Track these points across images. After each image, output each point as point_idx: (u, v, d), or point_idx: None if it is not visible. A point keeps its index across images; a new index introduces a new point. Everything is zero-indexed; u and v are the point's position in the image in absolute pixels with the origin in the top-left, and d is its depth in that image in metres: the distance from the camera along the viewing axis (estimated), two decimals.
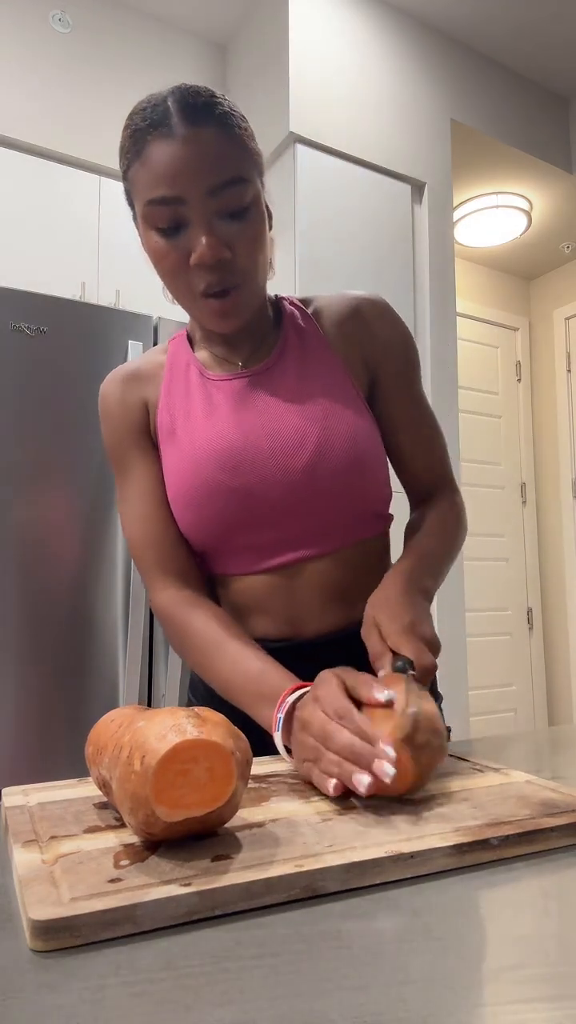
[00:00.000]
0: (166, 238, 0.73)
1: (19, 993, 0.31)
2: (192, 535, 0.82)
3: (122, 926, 0.36)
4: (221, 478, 0.78)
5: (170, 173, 0.70)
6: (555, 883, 0.42)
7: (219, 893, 0.38)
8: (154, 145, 0.70)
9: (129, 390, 0.86)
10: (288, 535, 0.80)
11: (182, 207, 0.71)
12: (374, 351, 0.86)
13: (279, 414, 0.80)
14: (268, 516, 0.79)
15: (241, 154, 0.72)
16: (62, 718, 1.77)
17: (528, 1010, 0.30)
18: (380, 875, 0.42)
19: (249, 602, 0.83)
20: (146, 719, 0.46)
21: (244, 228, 0.73)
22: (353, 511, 0.82)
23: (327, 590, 0.82)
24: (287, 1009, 0.30)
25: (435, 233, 2.75)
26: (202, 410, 0.82)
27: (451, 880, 0.42)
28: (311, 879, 0.40)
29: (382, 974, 0.32)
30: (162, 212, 0.71)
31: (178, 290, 0.76)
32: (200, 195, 0.70)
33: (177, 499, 0.81)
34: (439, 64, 2.87)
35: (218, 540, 0.81)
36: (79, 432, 1.85)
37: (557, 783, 0.58)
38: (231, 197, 0.71)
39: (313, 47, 2.54)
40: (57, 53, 2.58)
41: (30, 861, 0.43)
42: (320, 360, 0.83)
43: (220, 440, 0.79)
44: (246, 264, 0.74)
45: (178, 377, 0.85)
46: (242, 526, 0.79)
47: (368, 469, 0.81)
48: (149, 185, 0.72)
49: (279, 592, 0.82)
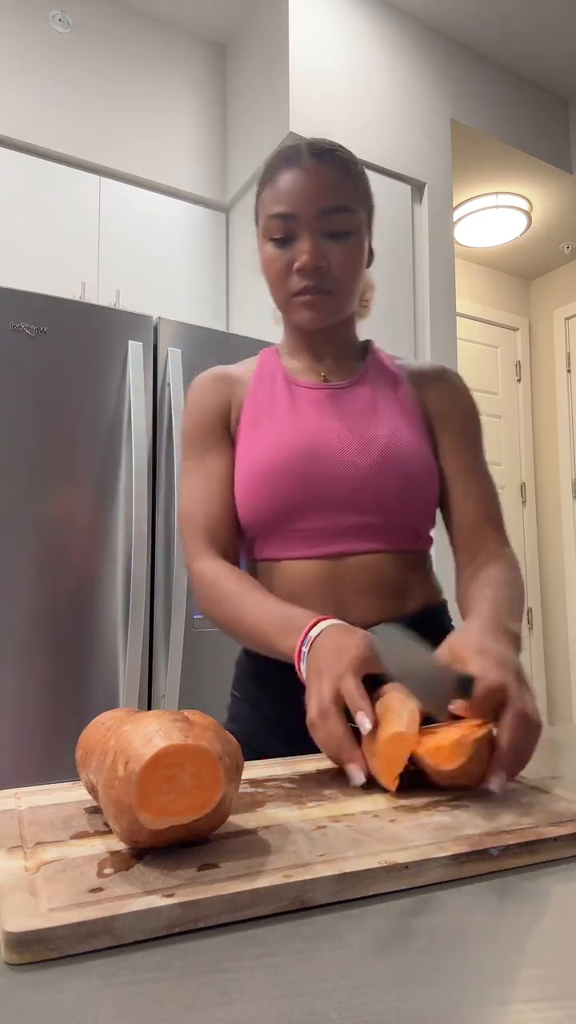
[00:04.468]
0: (278, 248, 0.88)
1: (19, 992, 0.31)
2: (260, 512, 0.89)
3: (100, 939, 0.35)
4: (296, 464, 0.88)
5: (290, 194, 0.86)
6: (557, 891, 0.42)
7: (202, 905, 0.37)
8: (283, 173, 0.87)
9: (219, 386, 0.97)
10: (341, 526, 0.88)
11: (294, 223, 0.86)
12: (440, 408, 0.96)
13: (353, 423, 0.91)
14: (328, 504, 0.88)
15: (352, 191, 0.88)
16: (62, 718, 1.77)
17: (528, 1010, 0.30)
18: (372, 887, 0.40)
19: (295, 588, 0.89)
20: (133, 722, 0.44)
21: (342, 248, 0.87)
22: (402, 518, 0.90)
23: (369, 583, 0.88)
24: (287, 1009, 0.30)
25: (435, 233, 2.74)
26: (286, 407, 0.93)
27: (448, 892, 0.42)
28: (299, 890, 0.39)
29: (382, 974, 0.32)
30: (278, 225, 0.87)
31: (279, 292, 0.91)
32: (311, 215, 0.86)
33: (255, 477, 0.89)
34: (439, 64, 2.87)
35: (279, 520, 0.89)
36: (79, 432, 1.85)
37: (559, 786, 0.57)
38: (336, 221, 0.86)
39: (313, 47, 2.53)
40: (57, 53, 2.58)
41: (12, 868, 0.41)
42: (395, 394, 0.95)
43: (300, 432, 0.90)
44: (339, 276, 0.88)
45: (266, 379, 0.96)
46: (305, 508, 0.88)
47: (422, 486, 0.90)
48: (272, 203, 0.88)
49: (324, 580, 0.88)
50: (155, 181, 2.70)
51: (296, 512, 0.88)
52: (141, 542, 1.84)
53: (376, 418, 0.92)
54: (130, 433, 1.89)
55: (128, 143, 2.67)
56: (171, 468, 1.95)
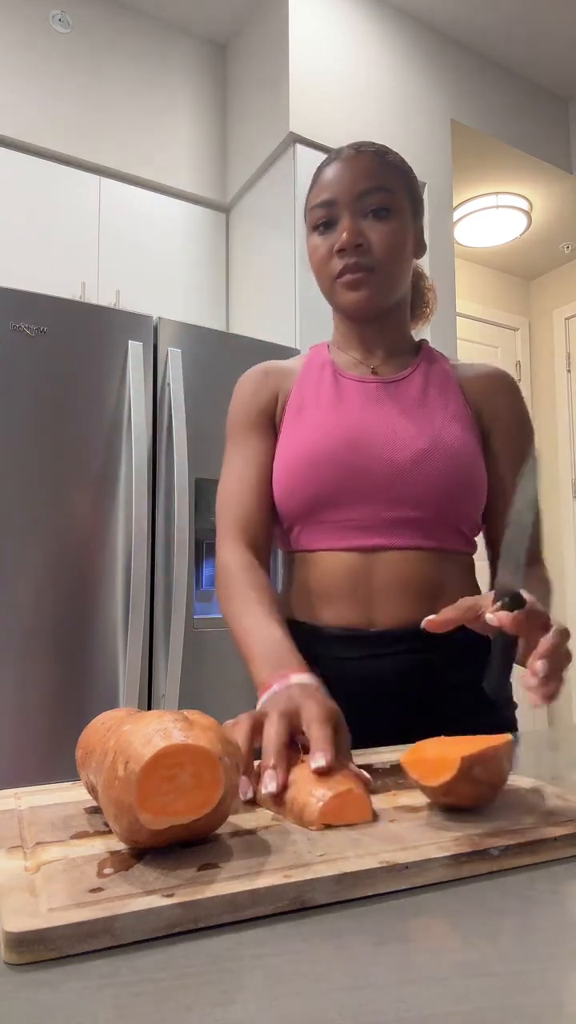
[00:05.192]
0: (321, 235, 0.90)
1: (19, 992, 0.31)
2: (296, 499, 0.89)
3: (100, 939, 0.35)
4: (336, 452, 0.87)
5: (331, 183, 0.89)
6: (557, 891, 0.42)
7: (202, 905, 0.37)
8: (325, 169, 0.91)
9: (267, 379, 0.97)
10: (379, 519, 0.87)
11: (336, 208, 0.88)
12: (496, 417, 0.94)
13: (399, 415, 0.90)
14: (366, 496, 0.87)
15: (391, 175, 0.89)
16: (62, 718, 1.77)
17: (528, 1010, 0.30)
18: (372, 887, 0.40)
19: (328, 581, 0.88)
20: (133, 722, 0.44)
21: (383, 226, 0.88)
22: (442, 516, 0.87)
23: (402, 580, 0.86)
24: (287, 1009, 0.30)
25: (435, 233, 2.74)
26: (332, 398, 0.93)
27: (448, 892, 0.42)
28: (299, 890, 0.39)
29: (382, 974, 0.32)
30: (320, 213, 0.89)
31: (323, 277, 0.91)
32: (350, 197, 0.87)
33: (294, 464, 0.89)
34: (439, 64, 2.87)
35: (316, 509, 0.88)
36: (79, 432, 1.85)
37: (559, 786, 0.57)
38: (376, 199, 0.87)
39: (313, 47, 2.53)
40: (57, 53, 2.58)
41: (12, 868, 0.41)
42: (445, 391, 0.93)
43: (343, 422, 0.89)
44: (380, 255, 0.88)
45: (313, 371, 0.96)
46: (342, 499, 0.87)
47: (467, 484, 0.88)
48: (314, 196, 0.91)
49: (358, 574, 0.87)
50: (155, 181, 2.70)
51: (333, 502, 0.87)
52: (141, 542, 1.84)
53: (424, 412, 0.90)
54: (130, 433, 1.89)
55: (128, 143, 2.67)
56: (171, 468, 1.95)
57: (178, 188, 2.74)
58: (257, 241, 2.65)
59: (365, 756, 0.70)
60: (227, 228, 2.87)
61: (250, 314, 2.69)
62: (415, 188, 0.94)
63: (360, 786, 0.51)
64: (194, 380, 2.00)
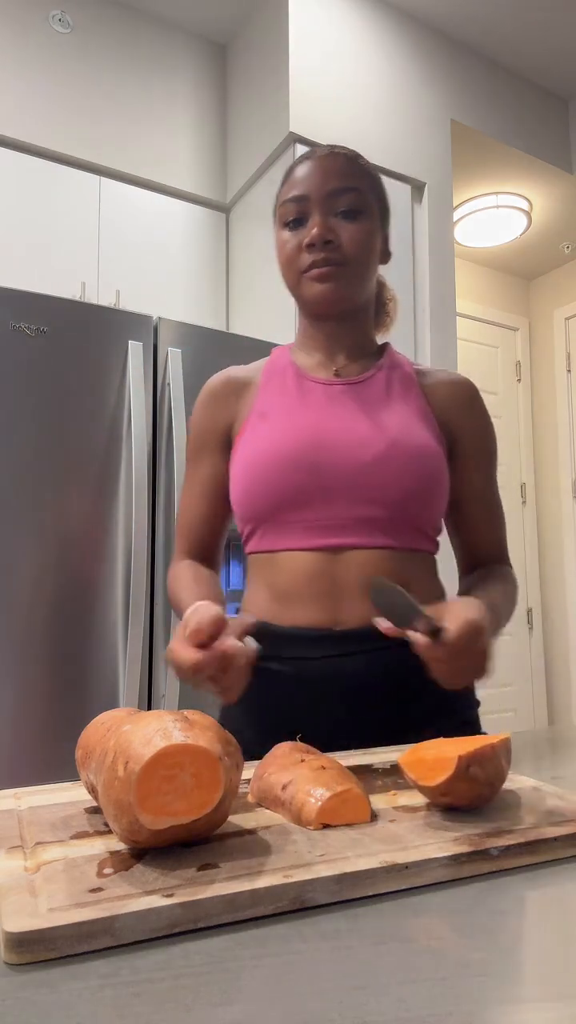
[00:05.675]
0: (290, 231, 0.91)
1: (19, 992, 0.31)
2: (259, 500, 0.89)
3: (100, 939, 0.34)
4: (303, 451, 0.88)
5: (301, 179, 0.90)
6: (557, 891, 0.42)
7: (202, 905, 0.37)
8: (297, 167, 0.92)
9: (225, 393, 0.98)
10: (342, 518, 0.87)
11: (306, 204, 0.89)
12: (461, 424, 0.96)
13: (362, 415, 0.91)
14: (329, 495, 0.87)
15: (361, 177, 0.91)
16: (62, 719, 1.77)
17: (528, 1010, 0.30)
18: (372, 887, 0.40)
19: (293, 581, 0.88)
20: (133, 722, 0.44)
21: (352, 226, 0.90)
22: (405, 515, 0.88)
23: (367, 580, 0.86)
24: (287, 1009, 0.30)
25: (435, 233, 2.74)
26: (295, 400, 0.93)
27: (448, 892, 0.42)
28: (299, 890, 0.39)
29: (382, 974, 0.32)
30: (290, 208, 0.91)
31: (290, 272, 0.92)
32: (321, 195, 0.89)
33: (256, 464, 0.89)
34: (439, 64, 2.87)
35: (279, 509, 0.88)
36: (79, 432, 1.85)
37: (559, 786, 0.57)
38: (345, 199, 0.89)
39: (313, 47, 2.53)
40: (57, 53, 2.58)
41: (12, 869, 0.41)
42: (408, 395, 0.94)
43: (308, 422, 0.90)
44: (350, 251, 0.89)
45: (276, 374, 0.97)
46: (305, 498, 0.87)
47: (429, 483, 0.89)
48: (285, 192, 0.92)
49: (321, 573, 0.87)
50: (155, 181, 2.70)
51: (297, 502, 0.87)
52: (141, 542, 1.84)
53: (387, 413, 0.91)
54: (130, 433, 1.89)
55: (128, 143, 2.67)
56: (171, 468, 1.95)
57: (178, 188, 2.74)
58: (257, 241, 2.65)
59: (365, 756, 0.70)
60: (227, 228, 2.87)
61: (250, 314, 2.69)
62: (384, 196, 0.96)
63: (359, 786, 0.51)
64: (194, 380, 2.00)
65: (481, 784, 0.50)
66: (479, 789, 0.50)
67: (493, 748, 0.50)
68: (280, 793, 0.52)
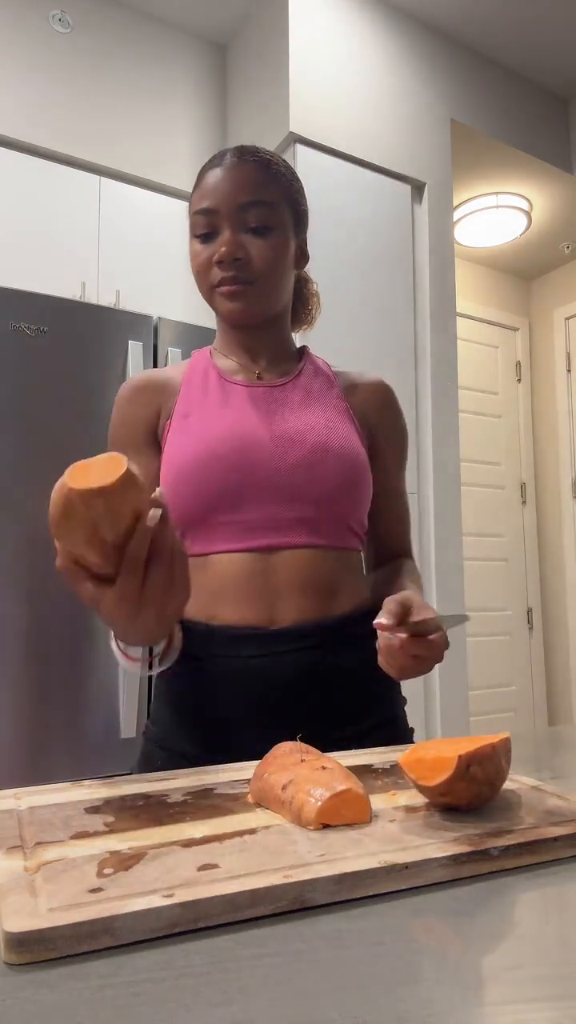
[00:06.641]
0: (202, 243, 0.90)
1: (19, 992, 0.31)
2: (187, 503, 0.88)
3: (100, 939, 0.34)
4: (229, 454, 0.87)
5: (212, 190, 0.88)
6: (557, 891, 0.42)
7: (202, 905, 0.37)
8: (208, 173, 0.90)
9: (143, 396, 0.95)
10: (272, 518, 0.87)
11: (217, 218, 0.88)
12: (380, 423, 0.99)
13: (287, 416, 0.91)
14: (258, 495, 0.87)
15: (274, 188, 0.90)
16: (61, 721, 1.77)
17: (528, 1010, 0.30)
18: (373, 887, 0.40)
19: (226, 582, 0.87)
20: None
21: (263, 242, 0.89)
22: (333, 514, 0.89)
23: (299, 579, 0.87)
24: (287, 1009, 0.30)
25: (435, 233, 2.74)
26: (217, 403, 0.93)
27: (448, 892, 0.42)
28: (299, 891, 0.39)
29: (382, 974, 0.32)
30: (201, 221, 0.89)
31: (202, 285, 0.92)
32: (231, 209, 0.87)
33: (182, 468, 0.88)
34: (439, 64, 2.87)
35: (207, 512, 0.87)
36: (79, 432, 1.85)
37: (559, 786, 0.57)
38: (257, 215, 0.88)
39: (313, 47, 2.53)
40: (57, 53, 2.58)
41: (11, 869, 0.41)
42: (329, 397, 0.96)
43: (232, 425, 0.89)
44: (260, 269, 0.89)
45: (197, 377, 0.96)
46: (234, 500, 0.87)
47: (355, 482, 0.91)
48: (196, 201, 0.90)
49: (253, 574, 0.87)
50: (155, 181, 2.70)
51: (224, 503, 0.87)
52: None
53: (311, 415, 0.92)
54: None
55: (128, 143, 2.67)
56: None
57: (178, 188, 2.74)
58: None
59: (365, 756, 0.70)
60: None
61: None
62: (298, 200, 0.94)
63: (359, 786, 0.51)
64: None
65: (481, 784, 0.50)
66: (479, 789, 0.50)
67: (493, 748, 0.50)
68: (280, 793, 0.52)
